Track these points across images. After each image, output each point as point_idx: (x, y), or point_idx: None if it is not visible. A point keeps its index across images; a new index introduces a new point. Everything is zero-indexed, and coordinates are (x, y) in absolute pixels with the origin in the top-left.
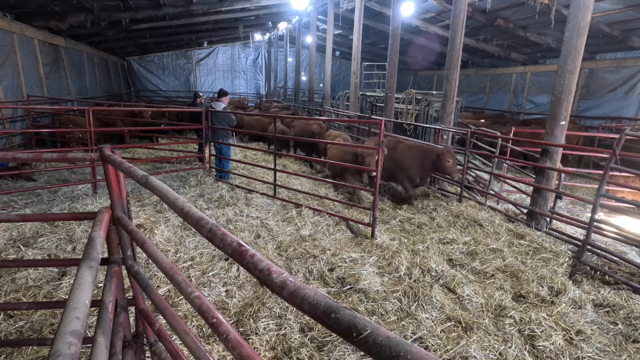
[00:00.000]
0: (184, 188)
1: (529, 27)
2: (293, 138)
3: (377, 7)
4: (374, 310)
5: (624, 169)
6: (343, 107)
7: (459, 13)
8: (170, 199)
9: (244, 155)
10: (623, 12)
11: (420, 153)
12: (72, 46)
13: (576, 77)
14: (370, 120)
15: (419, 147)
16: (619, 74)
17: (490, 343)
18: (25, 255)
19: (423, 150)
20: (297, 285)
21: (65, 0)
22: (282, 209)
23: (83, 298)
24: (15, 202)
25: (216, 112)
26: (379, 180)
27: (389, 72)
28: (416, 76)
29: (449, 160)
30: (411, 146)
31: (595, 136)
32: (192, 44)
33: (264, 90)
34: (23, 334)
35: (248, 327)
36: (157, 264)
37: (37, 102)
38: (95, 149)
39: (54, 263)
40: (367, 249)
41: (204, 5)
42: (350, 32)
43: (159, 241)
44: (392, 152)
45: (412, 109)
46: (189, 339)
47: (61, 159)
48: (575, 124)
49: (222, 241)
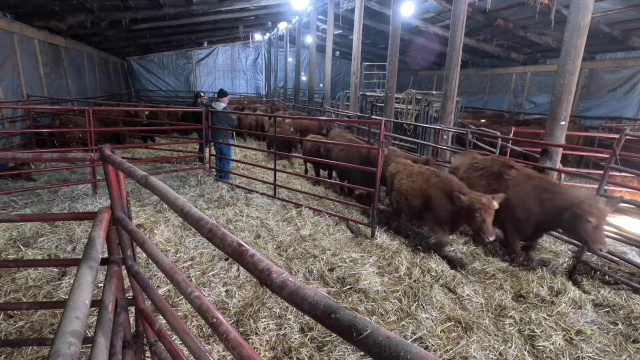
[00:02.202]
0: (184, 188)
1: (529, 27)
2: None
3: (377, 7)
4: (374, 310)
5: (623, 169)
6: (343, 107)
7: (459, 13)
8: (170, 199)
9: (244, 155)
10: (623, 12)
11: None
12: (72, 46)
13: (576, 77)
14: (370, 120)
15: None
16: (619, 74)
17: (490, 343)
18: (25, 255)
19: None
20: (297, 285)
21: (65, 0)
22: (282, 209)
23: (83, 298)
24: (15, 202)
25: (216, 112)
26: (379, 180)
27: (389, 72)
28: (416, 76)
29: None
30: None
31: (595, 136)
32: (192, 44)
33: (264, 91)
34: (23, 334)
35: (248, 327)
36: (157, 264)
37: (37, 102)
38: (95, 149)
39: (54, 263)
40: (367, 249)
41: (204, 5)
42: (350, 32)
43: (159, 241)
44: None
45: (412, 109)
46: (189, 339)
47: (61, 159)
48: (575, 124)
49: (222, 241)
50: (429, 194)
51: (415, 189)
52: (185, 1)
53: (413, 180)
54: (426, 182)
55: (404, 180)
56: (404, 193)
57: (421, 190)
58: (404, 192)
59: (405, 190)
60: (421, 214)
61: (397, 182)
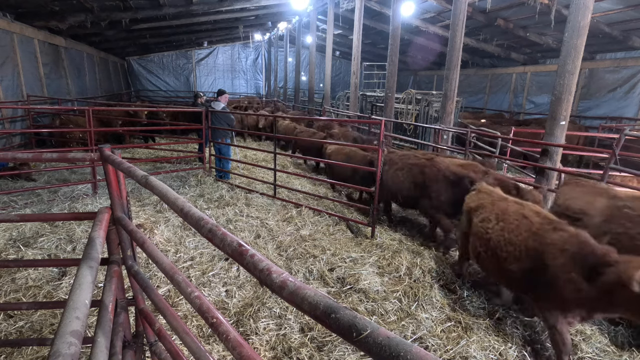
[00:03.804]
0: (184, 188)
1: (529, 27)
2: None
3: (377, 7)
4: (374, 310)
5: (623, 169)
6: (343, 107)
7: (459, 13)
8: (170, 199)
9: (244, 155)
10: (623, 12)
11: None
12: (72, 46)
13: (576, 77)
14: (370, 120)
15: None
16: (619, 74)
17: (490, 343)
18: (25, 255)
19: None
20: (297, 285)
21: (65, 0)
22: (282, 209)
23: (83, 298)
24: (15, 202)
25: (215, 112)
26: (379, 180)
27: (389, 72)
28: (416, 76)
29: None
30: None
31: (595, 136)
32: (192, 44)
33: (264, 91)
34: (23, 334)
35: (248, 327)
36: (157, 264)
37: (37, 102)
38: (95, 149)
39: (54, 263)
40: (367, 249)
41: (204, 5)
42: (350, 32)
43: (159, 241)
44: None
45: (412, 109)
46: (189, 339)
47: (61, 159)
48: (575, 124)
49: (222, 241)
50: (547, 259)
51: (517, 245)
52: (185, 1)
53: (511, 228)
54: (538, 238)
55: (493, 225)
56: (492, 247)
57: (529, 249)
58: (493, 245)
59: (495, 243)
60: (526, 286)
61: (480, 224)
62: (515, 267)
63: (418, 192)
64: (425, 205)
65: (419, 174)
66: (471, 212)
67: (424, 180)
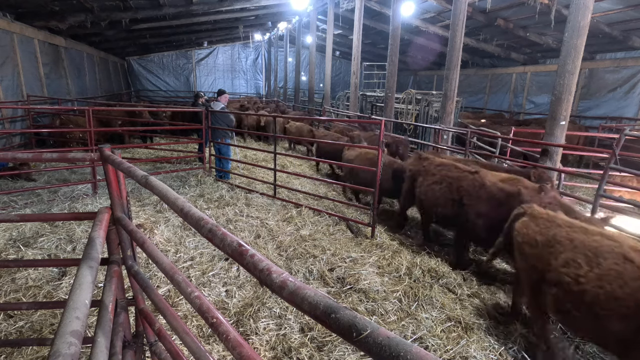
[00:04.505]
0: (184, 188)
1: (529, 27)
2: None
3: (377, 7)
4: (374, 310)
5: (623, 169)
6: (343, 107)
7: (459, 13)
8: (170, 199)
9: (244, 155)
10: (623, 12)
11: None
12: (72, 46)
13: (576, 77)
14: (370, 120)
15: None
16: (619, 74)
17: (490, 343)
18: (25, 255)
19: None
20: (297, 285)
21: (65, 0)
22: (282, 209)
23: (83, 298)
24: (15, 202)
25: (214, 112)
26: (379, 180)
27: (389, 72)
28: (416, 76)
29: None
30: None
31: (595, 136)
32: (192, 44)
33: (264, 91)
34: (23, 334)
35: (248, 327)
36: (157, 264)
37: (37, 102)
38: (95, 149)
39: (54, 263)
40: (367, 248)
41: (204, 5)
42: (350, 32)
43: (159, 241)
44: None
45: (412, 109)
46: (189, 339)
47: (61, 159)
48: (575, 124)
49: (222, 241)
50: None
51: (625, 300)
52: (185, 1)
53: (612, 277)
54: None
55: (586, 272)
56: (588, 302)
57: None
58: (590, 300)
59: (593, 297)
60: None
61: (564, 270)
62: (625, 327)
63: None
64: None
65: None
66: (543, 249)
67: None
